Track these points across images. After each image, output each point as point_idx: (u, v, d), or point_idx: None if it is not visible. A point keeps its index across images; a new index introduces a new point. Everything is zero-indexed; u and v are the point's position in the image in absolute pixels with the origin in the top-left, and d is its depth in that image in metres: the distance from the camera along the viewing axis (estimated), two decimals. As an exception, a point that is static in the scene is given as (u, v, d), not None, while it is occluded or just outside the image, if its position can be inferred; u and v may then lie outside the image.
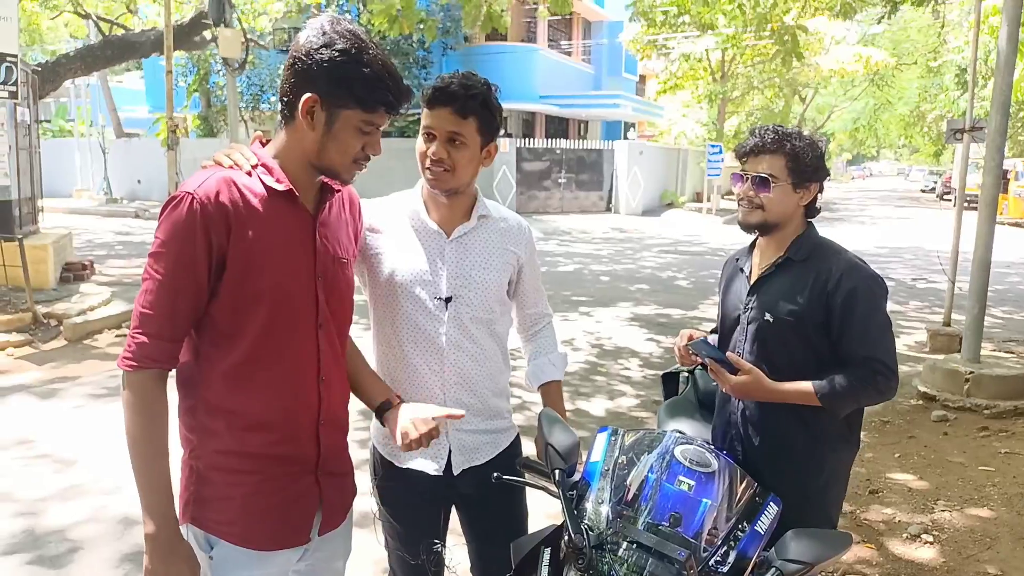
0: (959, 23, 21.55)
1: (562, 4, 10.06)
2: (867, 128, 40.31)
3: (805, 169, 2.07)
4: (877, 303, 2.04)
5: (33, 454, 4.50)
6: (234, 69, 11.23)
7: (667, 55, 23.48)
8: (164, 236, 1.50)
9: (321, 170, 1.60)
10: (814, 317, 2.04)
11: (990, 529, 3.79)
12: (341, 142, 1.56)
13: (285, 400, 1.61)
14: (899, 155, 68.02)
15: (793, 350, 2.08)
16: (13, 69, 6.63)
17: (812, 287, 2.05)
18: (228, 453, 1.59)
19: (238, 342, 1.56)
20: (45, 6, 17.65)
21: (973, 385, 5.65)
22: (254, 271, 1.53)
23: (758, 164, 2.09)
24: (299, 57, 1.52)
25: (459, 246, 1.97)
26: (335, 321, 1.69)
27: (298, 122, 1.55)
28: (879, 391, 2.02)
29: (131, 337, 1.50)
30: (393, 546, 2.10)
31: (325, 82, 1.51)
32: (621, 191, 22.55)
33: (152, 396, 1.51)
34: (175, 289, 1.49)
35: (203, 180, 1.52)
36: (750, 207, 2.12)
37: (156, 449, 1.52)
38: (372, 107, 1.54)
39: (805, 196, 2.12)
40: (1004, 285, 11.04)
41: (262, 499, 1.61)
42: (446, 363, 1.95)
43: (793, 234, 2.15)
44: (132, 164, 23.02)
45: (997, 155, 5.67)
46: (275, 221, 1.56)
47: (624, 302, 9.57)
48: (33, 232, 8.69)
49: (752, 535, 1.65)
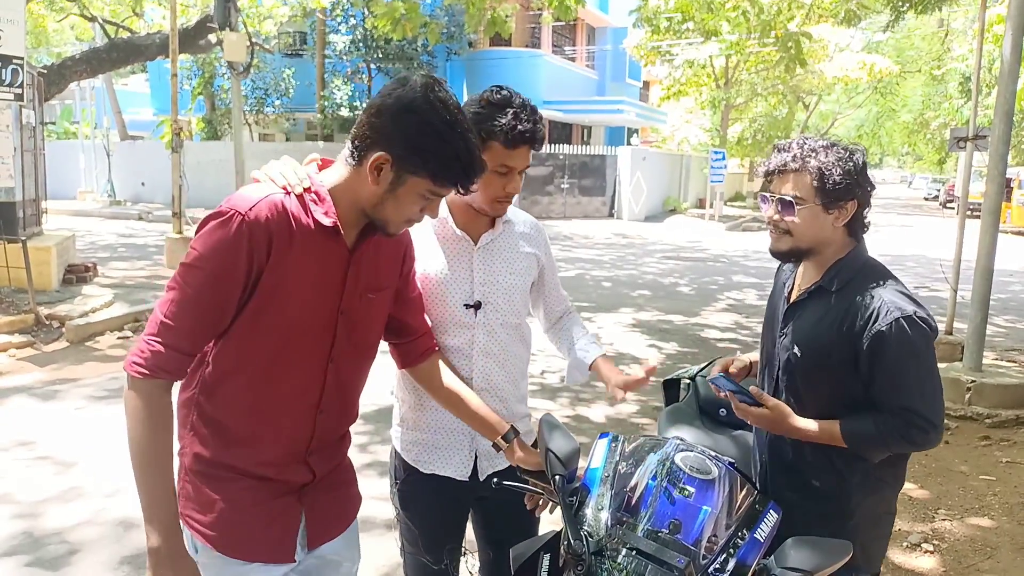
0: (963, 31, 21.57)
1: (566, 10, 10.10)
2: (870, 135, 40.28)
3: (836, 188, 1.82)
4: (914, 347, 1.78)
5: (33, 456, 4.50)
6: (239, 73, 11.26)
7: (671, 61, 23.51)
8: (203, 250, 1.45)
9: (371, 219, 1.57)
10: (842, 356, 1.84)
11: (991, 539, 3.78)
12: (402, 203, 1.53)
13: (278, 425, 1.59)
14: (902, 163, 68.00)
15: (820, 387, 1.90)
16: (19, 71, 6.66)
17: (842, 322, 1.84)
18: (211, 461, 1.58)
19: (249, 364, 1.54)
20: (51, 8, 17.74)
21: (975, 394, 5.63)
22: (280, 301, 1.51)
23: (783, 184, 1.88)
24: (389, 109, 1.47)
25: (486, 252, 2.01)
26: (354, 354, 1.67)
27: (364, 171, 1.50)
28: (913, 443, 1.83)
29: (146, 343, 1.46)
30: (411, 551, 2.11)
31: (401, 147, 1.47)
32: (624, 197, 22.57)
33: (159, 404, 1.47)
34: (203, 305, 1.46)
35: (255, 202, 1.47)
36: (777, 233, 1.92)
37: (160, 458, 1.47)
38: (443, 183, 1.51)
39: (841, 216, 1.87)
40: (1007, 294, 11.03)
41: (240, 508, 1.58)
42: (475, 368, 1.99)
43: (833, 257, 1.92)
44: (136, 166, 23.08)
45: (1000, 163, 5.67)
46: (312, 255, 1.52)
47: (626, 308, 9.57)
48: (36, 234, 8.71)
49: (752, 543, 1.65)
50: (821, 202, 1.84)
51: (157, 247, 13.32)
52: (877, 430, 1.81)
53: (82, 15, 16.58)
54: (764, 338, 2.13)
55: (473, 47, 22.78)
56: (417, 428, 2.04)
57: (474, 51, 22.91)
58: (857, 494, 1.92)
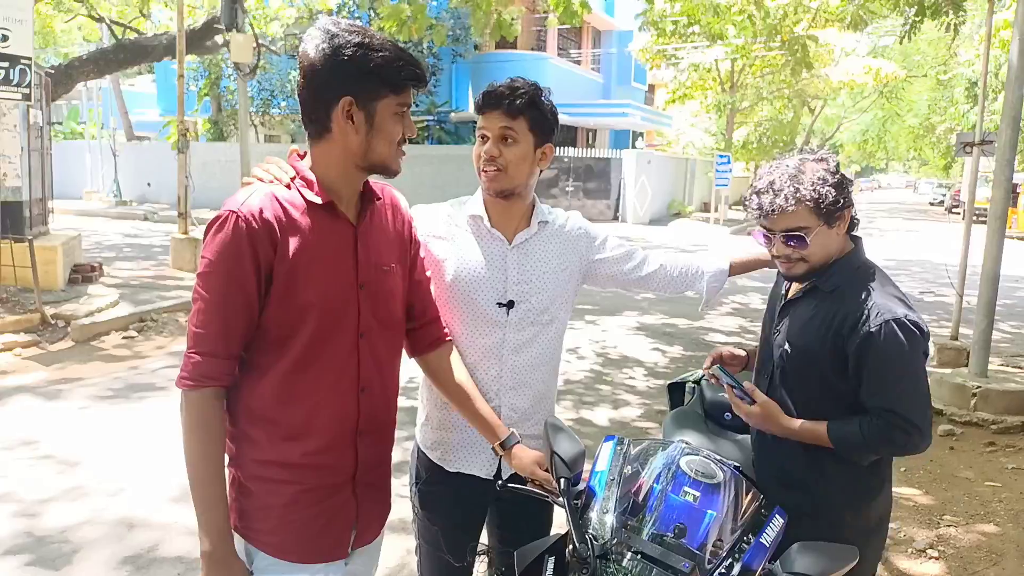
0: (970, 36, 21.51)
1: (571, 16, 10.10)
2: (876, 140, 40.18)
3: (832, 206, 1.84)
4: (901, 350, 1.79)
5: (37, 455, 4.50)
6: (245, 74, 11.29)
7: (676, 65, 23.51)
8: (212, 256, 1.50)
9: (370, 168, 1.60)
10: (828, 357, 1.86)
11: (996, 545, 3.76)
12: (385, 133, 1.56)
13: (325, 409, 1.61)
14: (908, 167, 67.81)
15: (809, 386, 1.93)
16: (27, 71, 6.68)
17: (831, 324, 1.86)
18: (267, 463, 1.60)
19: (287, 350, 1.57)
20: (59, 9, 17.80)
21: (980, 400, 5.61)
22: (299, 284, 1.54)
23: (784, 222, 1.87)
24: (316, 67, 1.51)
25: (521, 252, 2.01)
26: (382, 329, 1.68)
27: (335, 131, 1.55)
28: (895, 446, 1.86)
29: (187, 357, 1.51)
30: (429, 551, 2.11)
31: (355, 80, 1.51)
32: (629, 200, 22.54)
33: (210, 414, 1.52)
34: (226, 307, 1.51)
35: (246, 197, 1.53)
36: (790, 263, 1.92)
37: (214, 468, 1.53)
38: (402, 88, 1.55)
39: (842, 224, 1.91)
40: (1012, 300, 10.99)
41: (300, 510, 1.61)
42: (504, 367, 2.00)
43: (833, 258, 1.94)
44: (142, 167, 23.14)
45: (1007, 169, 5.65)
46: (317, 233, 1.56)
47: (630, 311, 9.56)
48: (43, 233, 8.74)
49: (757, 547, 1.64)
50: (824, 222, 1.86)
51: (163, 247, 13.34)
52: (861, 431, 1.83)
53: (89, 16, 16.65)
54: (762, 335, 2.16)
55: (479, 49, 22.77)
56: (443, 427, 2.05)
57: (480, 53, 22.90)
58: (848, 502, 1.93)
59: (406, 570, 3.36)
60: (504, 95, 1.90)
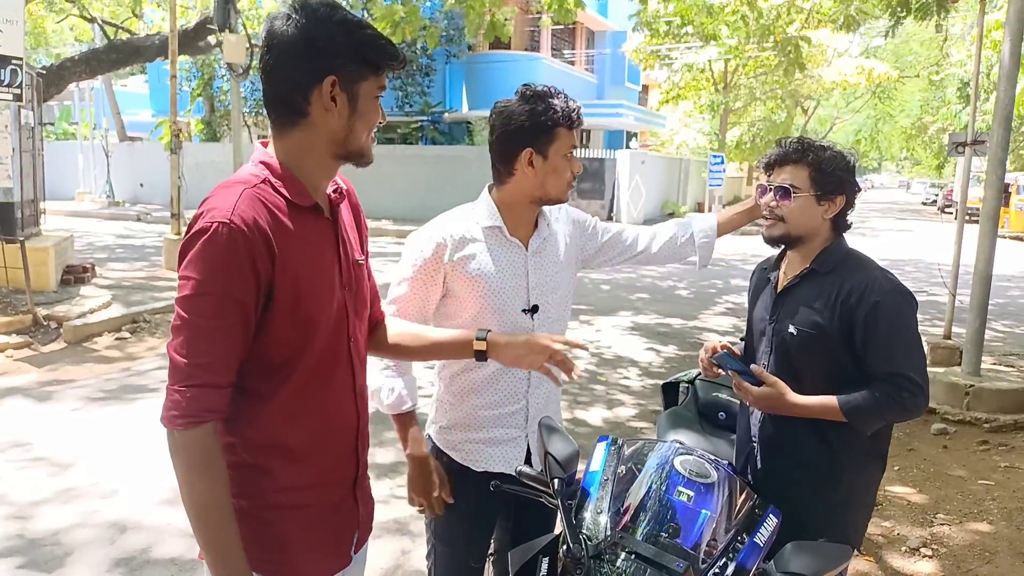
0: (961, 36, 21.62)
1: (565, 13, 10.11)
2: (869, 140, 40.37)
3: (829, 181, 2.02)
4: (903, 318, 1.96)
5: (29, 457, 4.48)
6: (238, 74, 11.25)
7: (670, 65, 23.56)
8: (201, 275, 1.30)
9: (347, 156, 1.47)
10: (837, 331, 1.98)
11: (989, 543, 3.77)
12: (366, 116, 1.44)
13: (333, 421, 1.54)
14: (900, 167, 68.14)
15: (817, 363, 2.02)
16: (18, 71, 6.65)
17: (836, 300, 1.99)
18: (286, 489, 1.48)
19: (292, 373, 1.43)
20: (51, 9, 17.74)
21: (973, 398, 5.63)
22: (303, 298, 1.41)
23: (781, 174, 2.06)
24: (294, 43, 1.37)
25: (538, 257, 2.07)
26: (360, 325, 1.61)
27: (314, 115, 1.40)
28: (906, 408, 1.95)
29: (176, 392, 1.31)
30: (446, 552, 2.11)
31: (340, 58, 1.38)
32: (623, 200, 22.56)
33: (214, 452, 1.35)
34: (226, 331, 1.33)
35: (233, 202, 1.33)
36: (773, 219, 2.08)
37: (226, 511, 1.37)
38: (382, 70, 1.44)
39: (830, 209, 2.05)
40: (1005, 299, 11.04)
41: (314, 529, 1.54)
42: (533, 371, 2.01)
43: (820, 247, 2.09)
44: (135, 168, 23.07)
45: (999, 169, 5.67)
46: (306, 237, 1.43)
47: (624, 311, 9.56)
48: (35, 234, 8.69)
49: (751, 547, 1.64)
50: (815, 192, 2.03)
51: (155, 248, 13.30)
52: (873, 398, 1.93)
53: (81, 16, 16.58)
54: (753, 334, 2.25)
55: (472, 50, 22.75)
56: (468, 427, 2.06)
57: (473, 54, 22.89)
58: (847, 468, 2.05)
59: (401, 571, 3.36)
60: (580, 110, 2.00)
